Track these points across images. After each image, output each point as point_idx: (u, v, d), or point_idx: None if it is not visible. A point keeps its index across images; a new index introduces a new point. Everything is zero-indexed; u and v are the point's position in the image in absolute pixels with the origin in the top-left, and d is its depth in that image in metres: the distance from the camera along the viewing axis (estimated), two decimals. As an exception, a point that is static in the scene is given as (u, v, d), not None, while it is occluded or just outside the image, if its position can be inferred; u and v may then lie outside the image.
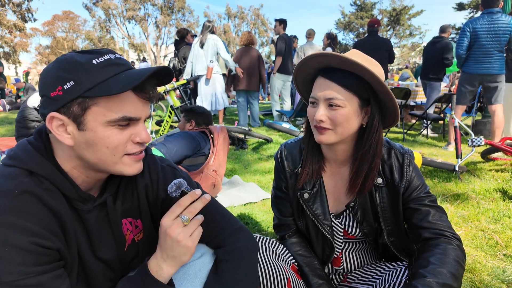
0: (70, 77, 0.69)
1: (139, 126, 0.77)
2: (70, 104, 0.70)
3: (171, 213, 0.78)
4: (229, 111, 8.61)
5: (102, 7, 35.06)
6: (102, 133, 0.72)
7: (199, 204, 0.79)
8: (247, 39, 6.01)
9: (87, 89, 0.69)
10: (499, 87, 3.97)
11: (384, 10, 24.65)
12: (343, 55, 0.97)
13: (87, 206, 0.80)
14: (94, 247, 0.82)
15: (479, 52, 3.94)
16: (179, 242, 0.76)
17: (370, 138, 1.05)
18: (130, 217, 0.90)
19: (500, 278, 1.57)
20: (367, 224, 1.15)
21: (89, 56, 0.72)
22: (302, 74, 1.11)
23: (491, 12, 3.86)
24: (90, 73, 0.70)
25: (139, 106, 0.75)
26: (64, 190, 0.75)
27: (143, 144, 0.79)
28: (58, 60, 0.73)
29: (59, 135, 0.72)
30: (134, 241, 0.91)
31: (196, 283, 0.85)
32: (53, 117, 0.71)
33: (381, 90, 1.01)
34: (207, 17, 39.34)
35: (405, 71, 10.94)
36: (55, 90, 0.70)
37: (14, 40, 29.99)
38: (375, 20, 5.76)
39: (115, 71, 0.72)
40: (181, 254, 0.78)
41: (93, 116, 0.71)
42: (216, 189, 2.59)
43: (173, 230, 0.76)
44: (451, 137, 4.39)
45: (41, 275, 0.67)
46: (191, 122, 2.84)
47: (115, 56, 0.74)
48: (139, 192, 0.90)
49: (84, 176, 0.79)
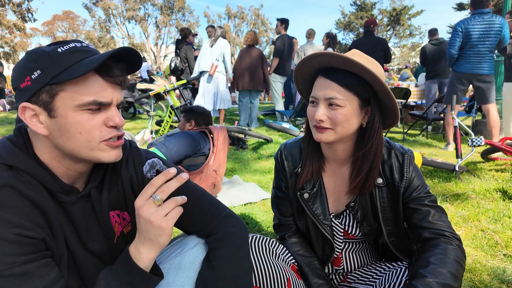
0: (37, 66, 0.71)
1: (112, 110, 0.77)
2: (39, 92, 0.71)
3: (143, 194, 0.76)
4: (229, 111, 8.61)
5: (102, 7, 35.04)
6: (72, 118, 0.73)
7: (174, 183, 0.75)
8: (252, 39, 6.03)
9: (53, 75, 0.71)
10: (489, 87, 4.01)
11: (384, 10, 24.66)
12: (343, 55, 0.97)
13: (70, 198, 0.80)
14: (83, 239, 0.82)
15: (470, 52, 3.98)
16: (152, 222, 0.73)
17: (371, 139, 1.05)
18: (118, 209, 0.91)
19: (500, 278, 1.57)
20: (367, 224, 1.15)
21: (55, 46, 0.74)
22: (302, 74, 1.11)
23: (482, 13, 3.90)
24: (56, 60, 0.71)
25: (108, 90, 0.75)
26: (44, 182, 0.76)
27: (118, 129, 0.79)
28: (27, 53, 0.74)
29: (32, 125, 0.74)
30: (123, 233, 0.91)
31: (191, 272, 0.85)
32: (24, 107, 0.73)
33: (381, 90, 1.01)
34: (207, 17, 39.38)
35: (405, 71, 10.94)
36: (24, 80, 0.72)
37: (14, 40, 29.99)
38: (372, 20, 5.78)
39: (80, 57, 0.73)
40: (156, 235, 0.75)
41: (62, 101, 0.72)
42: (216, 189, 2.59)
43: (145, 211, 0.74)
44: (450, 137, 4.40)
45: (27, 264, 0.68)
46: (191, 122, 2.84)
47: (81, 44, 0.76)
48: (124, 184, 0.90)
49: (64, 167, 0.79)
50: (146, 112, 7.00)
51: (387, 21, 24.85)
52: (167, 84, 5.08)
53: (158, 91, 5.06)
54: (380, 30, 25.18)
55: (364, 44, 5.46)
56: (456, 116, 3.46)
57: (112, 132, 0.78)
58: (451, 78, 4.25)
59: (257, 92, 6.17)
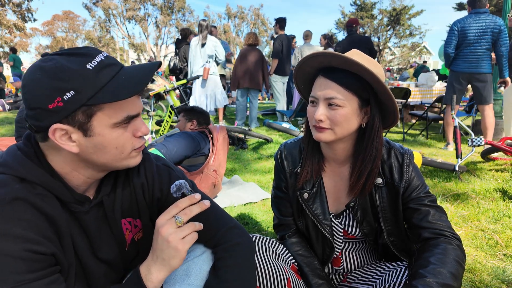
0: (69, 87, 0.67)
1: (138, 121, 0.79)
2: (74, 113, 0.69)
3: (167, 213, 0.78)
4: (229, 111, 8.60)
5: (102, 7, 35.05)
6: (109, 135, 0.73)
7: (196, 209, 0.78)
8: (254, 39, 6.03)
9: (90, 96, 0.68)
10: (487, 87, 4.01)
11: (384, 10, 24.61)
12: (344, 55, 0.97)
13: (84, 208, 0.80)
14: (95, 248, 0.82)
15: (467, 51, 3.99)
16: (169, 242, 0.75)
17: (371, 139, 1.05)
18: (130, 217, 0.91)
19: (500, 278, 1.57)
20: (367, 224, 1.15)
21: (80, 60, 0.69)
22: (302, 74, 1.11)
23: (478, 12, 3.92)
24: (89, 79, 0.68)
25: (137, 103, 0.77)
26: (58, 193, 0.75)
27: (143, 137, 0.82)
28: (46, 69, 0.68)
29: (64, 145, 0.71)
30: (134, 241, 0.91)
31: (198, 280, 0.85)
32: (56, 128, 0.70)
33: (381, 91, 1.01)
34: (207, 17, 39.30)
35: (407, 71, 10.97)
36: (54, 101, 0.67)
37: (14, 40, 29.98)
38: (353, 20, 5.84)
39: (111, 73, 0.72)
40: (170, 256, 0.76)
41: (99, 121, 0.71)
42: (216, 189, 2.59)
43: (165, 230, 0.76)
44: (450, 137, 4.40)
45: (35, 282, 0.67)
46: (193, 122, 2.84)
47: (104, 56, 0.74)
48: (137, 192, 0.91)
49: (85, 177, 0.79)
50: (146, 112, 7.00)
51: (387, 21, 24.81)
52: (167, 84, 5.08)
53: (158, 91, 5.06)
54: (380, 30, 25.15)
55: (346, 44, 5.49)
56: (456, 116, 3.47)
57: (141, 142, 0.80)
58: (449, 78, 4.26)
59: (256, 91, 6.15)
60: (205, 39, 5.52)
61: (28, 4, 25.16)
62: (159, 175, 0.94)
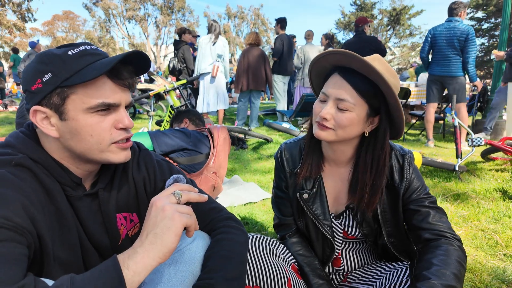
0: (48, 69, 0.72)
1: (121, 112, 0.79)
2: (50, 95, 0.73)
3: (164, 191, 0.75)
4: (229, 111, 8.61)
5: (102, 7, 35.02)
6: (83, 121, 0.74)
7: (195, 195, 0.75)
8: (254, 39, 6.02)
9: (64, 78, 0.71)
10: (458, 88, 4.36)
11: (384, 10, 24.60)
12: (365, 60, 0.95)
13: (77, 193, 0.81)
14: (87, 233, 0.82)
15: (439, 56, 4.43)
16: (165, 211, 0.68)
17: (377, 153, 1.05)
18: (125, 211, 0.91)
19: (500, 278, 1.57)
20: (367, 225, 1.15)
21: (65, 49, 0.74)
22: (318, 67, 1.09)
23: (450, 21, 4.32)
24: (67, 63, 0.72)
25: (117, 92, 0.77)
26: (55, 174, 0.77)
27: (127, 131, 0.81)
28: (38, 55, 0.75)
29: (44, 128, 0.75)
30: (128, 236, 0.92)
31: (192, 266, 0.82)
32: (36, 110, 0.74)
33: (393, 104, 1.00)
34: (207, 17, 39.30)
35: (408, 71, 10.97)
36: (35, 83, 0.72)
37: (14, 40, 29.98)
38: (361, 19, 5.65)
39: (90, 60, 0.74)
40: (164, 228, 0.67)
41: (73, 104, 0.73)
42: (216, 191, 2.57)
43: (162, 201, 0.71)
44: (429, 134, 4.67)
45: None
46: (184, 121, 2.76)
47: (90, 47, 0.77)
48: (137, 186, 0.92)
49: (74, 167, 0.80)
50: (146, 112, 7.00)
51: (387, 21, 24.80)
52: (167, 84, 5.08)
53: (158, 91, 5.06)
54: (380, 30, 25.13)
55: (353, 45, 5.46)
56: (449, 114, 3.50)
57: (121, 134, 0.79)
58: (427, 80, 4.71)
59: (259, 92, 6.15)
60: (217, 38, 5.59)
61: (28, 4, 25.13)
62: (160, 167, 0.97)
